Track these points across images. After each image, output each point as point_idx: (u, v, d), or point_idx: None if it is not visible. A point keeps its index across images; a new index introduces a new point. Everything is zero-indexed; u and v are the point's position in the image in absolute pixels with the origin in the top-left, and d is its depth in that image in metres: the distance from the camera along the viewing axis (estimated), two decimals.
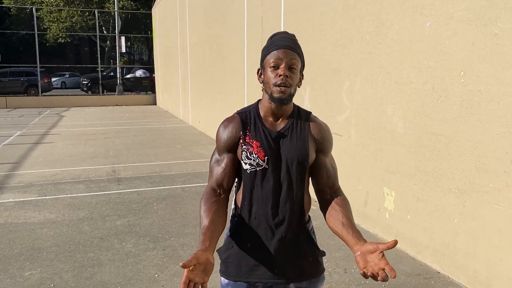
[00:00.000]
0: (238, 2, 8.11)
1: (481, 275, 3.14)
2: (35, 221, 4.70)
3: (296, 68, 1.56)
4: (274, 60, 1.54)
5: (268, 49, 1.58)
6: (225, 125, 1.64)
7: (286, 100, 1.55)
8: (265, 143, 1.59)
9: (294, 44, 1.58)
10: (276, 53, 1.54)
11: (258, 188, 1.59)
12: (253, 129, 1.61)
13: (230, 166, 1.63)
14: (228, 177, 1.63)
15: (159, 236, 4.29)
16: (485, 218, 3.08)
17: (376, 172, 4.29)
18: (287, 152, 1.59)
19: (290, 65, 1.54)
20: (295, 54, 1.56)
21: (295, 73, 1.56)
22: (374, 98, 4.26)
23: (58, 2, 27.50)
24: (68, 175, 6.80)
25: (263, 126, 1.61)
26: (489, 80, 2.99)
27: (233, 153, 1.63)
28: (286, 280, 1.62)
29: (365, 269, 1.32)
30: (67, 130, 12.08)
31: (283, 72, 1.53)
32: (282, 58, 1.53)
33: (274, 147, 1.59)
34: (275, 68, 1.54)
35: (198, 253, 1.30)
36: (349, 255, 3.86)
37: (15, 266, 3.62)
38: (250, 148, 1.59)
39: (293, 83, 1.55)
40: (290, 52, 1.55)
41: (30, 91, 22.59)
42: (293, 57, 1.55)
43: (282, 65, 1.53)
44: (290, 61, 1.54)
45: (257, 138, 1.60)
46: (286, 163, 1.58)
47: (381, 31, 4.10)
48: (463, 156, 3.24)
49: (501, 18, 2.88)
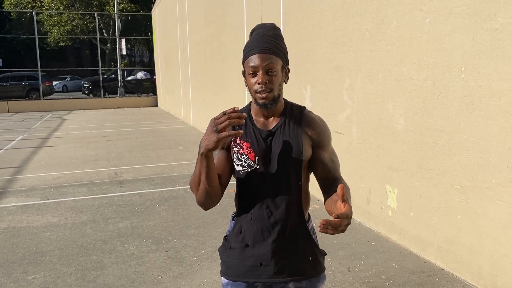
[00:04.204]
0: (237, 1, 8.11)
1: (485, 271, 3.12)
2: (38, 225, 4.70)
3: (275, 71, 1.51)
4: (251, 67, 1.51)
5: (245, 52, 1.55)
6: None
7: (270, 105, 1.53)
8: (255, 144, 1.58)
9: (271, 44, 1.52)
10: (252, 59, 1.51)
11: (252, 189, 1.59)
12: (244, 130, 1.60)
13: (221, 161, 1.60)
14: (219, 172, 1.59)
15: (161, 238, 4.28)
16: (488, 214, 3.07)
17: (379, 169, 4.28)
18: (279, 151, 1.57)
19: (267, 70, 1.50)
20: (272, 55, 1.51)
21: (275, 75, 1.51)
22: (375, 96, 4.24)
23: (58, 6, 27.57)
24: (70, 178, 6.81)
25: (253, 127, 1.60)
26: (490, 76, 2.98)
27: (227, 151, 1.62)
28: (285, 280, 1.61)
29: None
30: (69, 134, 12.10)
31: (261, 79, 1.49)
32: (258, 65, 1.49)
33: (265, 147, 1.58)
34: (254, 75, 1.52)
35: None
36: (353, 253, 3.85)
37: (19, 270, 3.62)
38: (240, 150, 1.58)
39: (274, 86, 1.52)
40: (266, 56, 1.50)
41: (32, 95, 22.63)
42: (270, 61, 1.50)
43: (259, 72, 1.50)
44: (267, 66, 1.50)
45: (248, 139, 1.59)
46: (279, 162, 1.57)
47: (380, 28, 4.09)
48: (465, 152, 3.22)
49: (501, 13, 2.87)
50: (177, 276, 3.49)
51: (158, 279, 3.44)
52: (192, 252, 3.93)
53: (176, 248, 4.04)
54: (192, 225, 4.64)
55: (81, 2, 28.35)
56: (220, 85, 9.81)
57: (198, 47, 11.82)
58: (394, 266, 3.60)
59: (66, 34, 28.51)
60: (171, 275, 3.50)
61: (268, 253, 1.59)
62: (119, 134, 11.85)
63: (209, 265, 3.66)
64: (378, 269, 3.55)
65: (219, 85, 9.86)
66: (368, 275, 3.46)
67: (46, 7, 27.65)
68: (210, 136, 1.38)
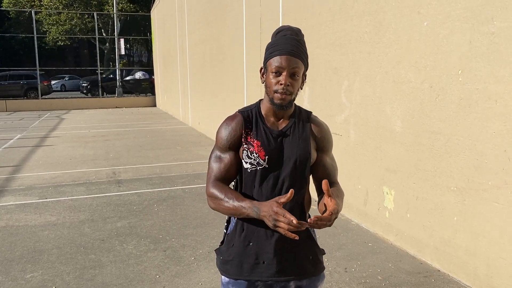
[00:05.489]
0: (236, 2, 8.13)
1: (481, 272, 3.15)
2: (36, 224, 4.71)
3: (298, 76, 1.53)
4: (276, 67, 1.51)
5: (271, 51, 1.55)
6: (227, 124, 1.64)
7: (286, 107, 1.56)
8: (266, 143, 1.59)
9: (298, 48, 1.53)
10: (278, 59, 1.51)
11: (258, 187, 1.60)
12: (255, 128, 1.61)
13: (232, 164, 1.63)
14: (229, 175, 1.64)
15: (159, 237, 4.30)
16: (484, 216, 3.10)
17: (376, 171, 4.31)
18: (290, 152, 1.60)
19: (292, 73, 1.52)
20: (299, 60, 1.52)
21: (297, 80, 1.53)
22: (373, 98, 4.27)
23: (57, 5, 27.54)
24: (68, 177, 6.81)
25: (264, 126, 1.62)
26: (487, 79, 3.01)
27: (235, 151, 1.63)
28: (287, 278, 1.62)
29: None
30: (67, 133, 12.10)
31: (285, 81, 1.51)
32: (284, 67, 1.50)
33: (275, 147, 1.60)
34: (277, 75, 1.52)
35: (277, 206, 1.43)
36: (350, 254, 3.87)
37: (17, 269, 3.63)
38: (250, 148, 1.59)
39: (294, 90, 1.54)
40: (293, 60, 1.51)
41: (30, 94, 22.61)
42: (296, 65, 1.51)
43: (284, 73, 1.51)
44: (293, 69, 1.51)
45: (258, 137, 1.60)
46: (288, 162, 1.59)
47: (379, 30, 4.12)
48: (462, 154, 3.25)
49: (497, 17, 2.90)
50: (175, 275, 3.50)
51: (156, 278, 3.45)
52: (190, 252, 3.95)
53: (174, 247, 4.06)
54: (190, 225, 4.65)
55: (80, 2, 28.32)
56: (218, 85, 9.83)
57: (197, 47, 11.83)
58: (391, 267, 3.62)
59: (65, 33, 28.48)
60: (169, 274, 3.52)
61: (271, 252, 1.60)
62: (118, 133, 11.85)
63: (206, 265, 3.68)
64: (374, 270, 3.57)
65: (218, 86, 9.88)
66: (364, 275, 3.48)
67: (45, 6, 27.62)
68: (267, 220, 1.44)
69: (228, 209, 1.55)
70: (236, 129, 1.62)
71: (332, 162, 1.70)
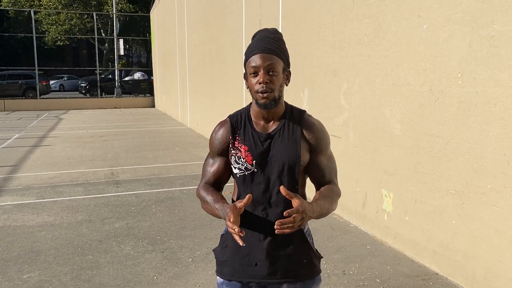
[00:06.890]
0: (236, 4, 8.13)
1: (479, 276, 3.15)
2: (34, 224, 4.70)
3: (276, 71, 1.52)
4: (253, 67, 1.52)
5: (247, 53, 1.56)
6: (217, 130, 1.67)
7: (271, 105, 1.54)
8: (253, 147, 1.59)
9: (272, 45, 1.54)
10: (254, 59, 1.52)
11: (248, 191, 1.60)
12: (243, 133, 1.62)
13: (222, 169, 1.67)
14: (219, 180, 1.69)
15: (157, 239, 4.29)
16: (483, 219, 3.09)
17: (375, 173, 4.30)
18: (277, 155, 1.58)
19: (269, 70, 1.51)
20: (274, 56, 1.52)
21: (276, 75, 1.52)
22: (372, 100, 4.27)
23: (56, 5, 27.53)
24: (66, 177, 6.79)
25: (252, 130, 1.61)
26: (486, 82, 3.01)
27: (225, 156, 1.65)
28: (279, 281, 1.62)
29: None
30: (65, 133, 12.08)
31: (262, 78, 1.50)
32: (259, 65, 1.51)
33: (264, 150, 1.59)
34: (255, 75, 1.52)
35: (231, 207, 1.47)
36: (348, 256, 3.87)
37: (14, 269, 3.61)
38: (238, 153, 1.60)
39: (275, 86, 1.53)
40: (268, 56, 1.51)
41: (28, 94, 22.57)
42: (271, 61, 1.51)
43: (260, 72, 1.51)
44: (268, 66, 1.51)
45: (246, 142, 1.60)
46: (276, 165, 1.58)
47: (378, 33, 4.12)
48: (461, 158, 3.25)
49: (497, 21, 2.90)
50: (172, 277, 3.49)
51: (154, 279, 3.44)
52: (188, 253, 3.94)
53: (172, 249, 4.05)
54: (188, 226, 4.64)
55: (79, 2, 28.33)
56: (218, 87, 9.83)
57: (196, 49, 11.83)
58: (389, 270, 3.62)
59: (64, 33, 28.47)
60: (166, 275, 3.51)
61: (263, 254, 1.60)
62: (116, 134, 11.83)
63: (204, 266, 3.67)
64: (373, 273, 3.57)
65: (217, 87, 9.87)
66: (363, 278, 3.47)
67: (44, 6, 27.61)
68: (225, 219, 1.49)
69: (209, 210, 1.62)
70: (223, 135, 1.64)
71: (329, 162, 1.67)
